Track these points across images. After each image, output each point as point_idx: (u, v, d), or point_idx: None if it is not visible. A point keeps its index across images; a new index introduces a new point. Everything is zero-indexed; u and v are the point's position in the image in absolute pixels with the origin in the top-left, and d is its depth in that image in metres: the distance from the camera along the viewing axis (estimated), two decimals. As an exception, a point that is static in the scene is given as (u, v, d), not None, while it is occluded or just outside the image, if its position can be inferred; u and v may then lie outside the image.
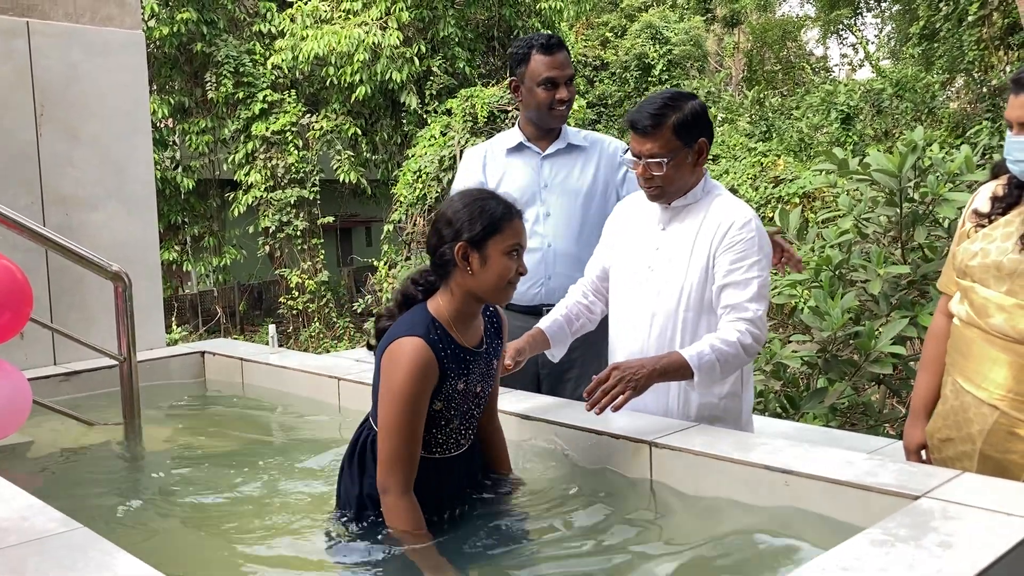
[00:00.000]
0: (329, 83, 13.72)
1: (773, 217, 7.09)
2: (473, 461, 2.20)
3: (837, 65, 28.41)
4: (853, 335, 3.79)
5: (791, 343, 4.08)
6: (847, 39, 26.54)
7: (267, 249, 14.46)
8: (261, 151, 13.76)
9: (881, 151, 4.29)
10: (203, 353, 4.12)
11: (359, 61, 13.08)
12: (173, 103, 13.77)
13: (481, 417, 2.18)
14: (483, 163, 3.13)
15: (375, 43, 13.06)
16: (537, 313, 2.87)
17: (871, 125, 14.06)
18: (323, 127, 13.98)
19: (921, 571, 1.50)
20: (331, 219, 14.35)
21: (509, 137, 3.15)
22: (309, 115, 14.21)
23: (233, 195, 14.26)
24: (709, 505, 2.15)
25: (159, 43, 13.21)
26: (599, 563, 1.93)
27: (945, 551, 1.58)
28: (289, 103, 13.86)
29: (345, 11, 13.74)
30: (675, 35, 17.84)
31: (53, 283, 4.01)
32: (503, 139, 3.17)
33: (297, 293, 14.03)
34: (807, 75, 22.38)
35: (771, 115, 15.39)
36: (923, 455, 2.33)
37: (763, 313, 2.36)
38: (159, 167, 13.37)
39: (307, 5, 13.91)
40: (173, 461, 3.02)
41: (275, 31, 14.11)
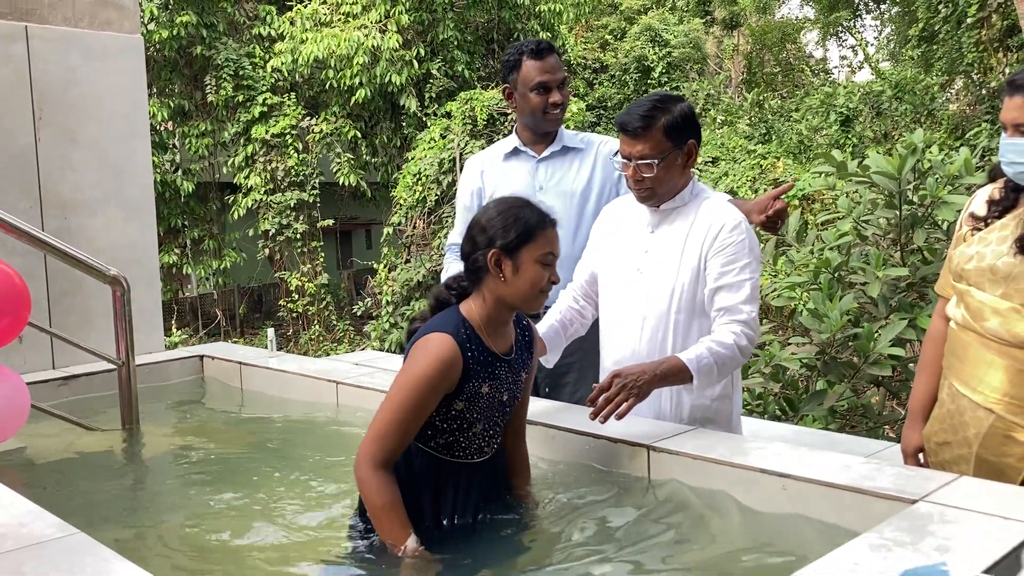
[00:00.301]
0: (329, 86, 13.73)
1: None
2: (496, 471, 2.18)
3: (836, 67, 28.45)
4: (852, 337, 3.79)
5: (790, 345, 4.08)
6: (846, 41, 26.57)
7: (267, 252, 14.47)
8: (261, 154, 13.77)
9: (880, 153, 4.28)
10: (202, 357, 4.12)
11: (359, 64, 13.09)
12: (173, 106, 13.79)
13: (506, 426, 2.17)
14: (481, 171, 3.19)
15: (374, 46, 13.07)
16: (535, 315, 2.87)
17: (870, 127, 14.06)
18: (323, 130, 13.98)
19: (918, 575, 1.50)
20: (331, 222, 14.35)
21: (506, 143, 3.20)
22: (309, 118, 14.21)
23: (233, 198, 14.27)
24: (707, 509, 2.15)
25: (159, 46, 13.23)
26: (597, 566, 1.92)
27: (943, 555, 1.57)
28: (289, 106, 13.87)
29: (344, 14, 13.74)
30: (674, 37, 17.84)
31: (52, 287, 4.01)
32: (500, 146, 3.22)
33: (297, 296, 14.03)
34: (806, 77, 22.37)
35: (770, 117, 15.38)
36: (921, 458, 2.33)
37: (756, 315, 2.38)
38: (159, 170, 13.39)
39: (307, 8, 13.92)
40: (171, 465, 3.02)
41: (275, 34, 14.13)
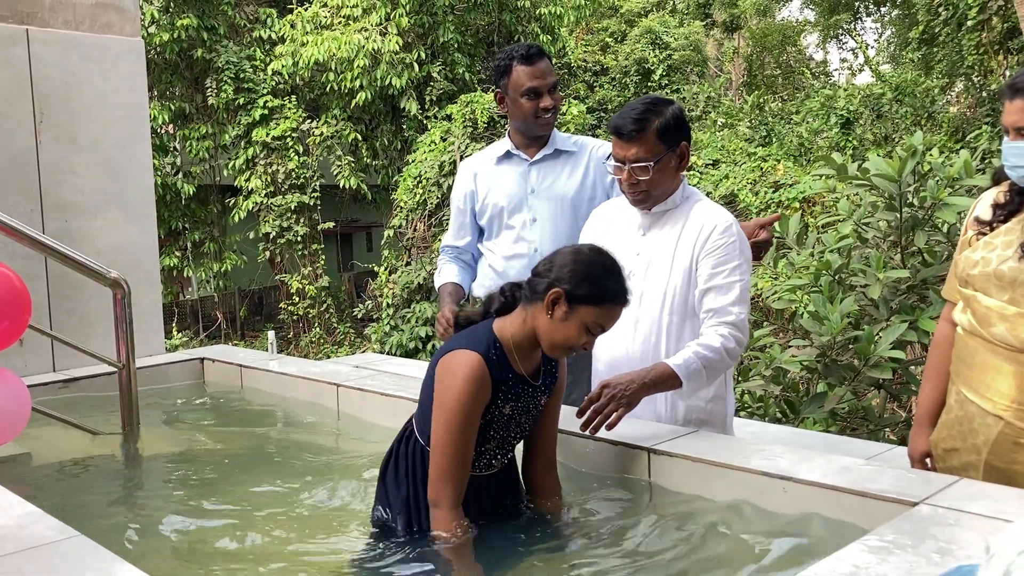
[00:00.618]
0: (329, 89, 13.75)
1: (773, 222, 7.04)
2: (505, 483, 2.19)
3: (837, 70, 28.48)
4: (852, 340, 3.79)
5: (790, 348, 4.08)
6: (847, 44, 26.56)
7: (267, 255, 14.48)
8: (261, 157, 13.79)
9: (881, 156, 4.28)
10: (202, 360, 4.12)
11: (359, 67, 13.11)
12: (174, 109, 13.81)
13: (516, 443, 2.17)
14: (474, 174, 3.19)
15: (375, 49, 13.09)
16: None
17: (871, 130, 14.04)
18: (323, 133, 14.00)
19: (919, 578, 1.50)
20: (331, 224, 14.36)
21: (499, 146, 3.20)
22: (309, 121, 14.23)
23: (234, 201, 14.28)
24: (707, 511, 2.14)
25: (160, 49, 13.25)
26: (598, 569, 1.92)
27: (943, 558, 1.57)
28: (289, 109, 13.88)
29: (345, 17, 13.76)
30: (675, 40, 17.83)
31: (52, 290, 4.01)
32: (493, 149, 3.22)
33: (298, 298, 14.04)
34: (807, 80, 22.33)
35: (771, 120, 15.36)
36: (928, 464, 2.31)
37: (745, 316, 2.39)
38: (160, 173, 13.40)
39: (307, 11, 13.94)
40: (172, 468, 3.02)
41: (275, 37, 14.16)
